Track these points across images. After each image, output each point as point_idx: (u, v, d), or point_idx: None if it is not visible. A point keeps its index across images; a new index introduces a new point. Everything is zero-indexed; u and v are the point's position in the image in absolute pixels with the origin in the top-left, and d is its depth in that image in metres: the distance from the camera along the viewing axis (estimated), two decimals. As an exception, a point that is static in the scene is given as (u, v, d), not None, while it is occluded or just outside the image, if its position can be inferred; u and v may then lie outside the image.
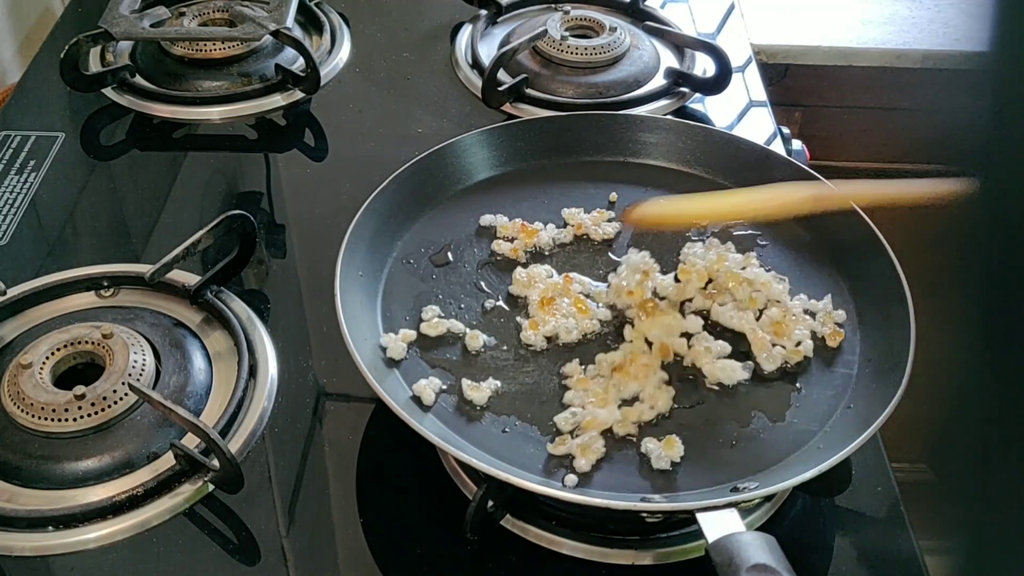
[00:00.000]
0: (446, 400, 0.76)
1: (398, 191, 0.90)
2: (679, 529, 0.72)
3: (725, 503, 0.65)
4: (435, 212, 0.92)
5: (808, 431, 0.74)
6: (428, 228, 0.90)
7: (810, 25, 1.46)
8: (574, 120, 0.99)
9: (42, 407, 0.75)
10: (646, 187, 0.95)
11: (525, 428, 0.75)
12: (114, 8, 1.13)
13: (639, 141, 0.97)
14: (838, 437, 0.72)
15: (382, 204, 0.88)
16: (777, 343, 0.79)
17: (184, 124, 1.11)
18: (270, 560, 0.73)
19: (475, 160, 0.95)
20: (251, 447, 0.78)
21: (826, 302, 0.83)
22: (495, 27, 1.23)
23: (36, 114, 1.12)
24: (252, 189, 1.07)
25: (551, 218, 0.91)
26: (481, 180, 0.95)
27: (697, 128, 0.98)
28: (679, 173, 0.96)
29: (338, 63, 1.18)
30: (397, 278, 0.86)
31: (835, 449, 0.69)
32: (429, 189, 0.92)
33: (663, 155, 0.97)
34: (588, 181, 0.96)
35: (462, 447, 0.71)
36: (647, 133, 0.98)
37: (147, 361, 0.79)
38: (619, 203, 0.93)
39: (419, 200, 0.91)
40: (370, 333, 0.80)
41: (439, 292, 0.85)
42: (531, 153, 0.97)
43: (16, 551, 0.71)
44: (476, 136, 0.96)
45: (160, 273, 0.86)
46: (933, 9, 1.49)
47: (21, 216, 0.98)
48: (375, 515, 0.75)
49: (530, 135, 0.97)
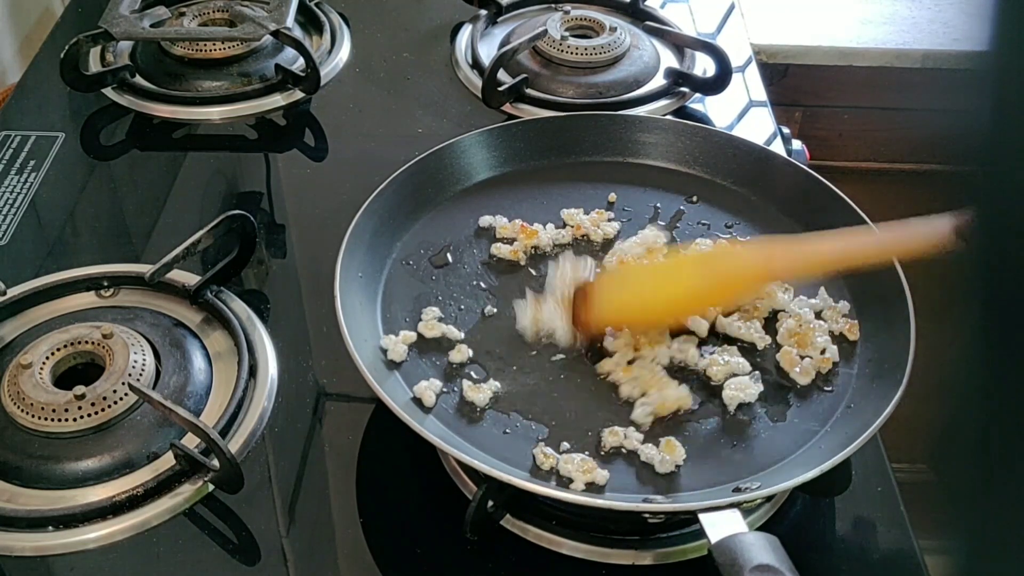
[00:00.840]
0: (447, 401, 0.76)
1: (397, 192, 0.90)
2: (679, 529, 0.72)
3: (727, 503, 0.65)
4: (434, 213, 0.92)
5: (809, 431, 0.74)
6: (427, 229, 0.90)
7: (810, 25, 1.46)
8: (573, 120, 0.99)
9: (42, 407, 0.75)
10: (645, 187, 0.95)
11: (527, 428, 0.75)
12: (114, 8, 1.13)
13: (638, 141, 0.97)
14: (839, 437, 0.72)
15: (381, 205, 0.88)
16: (804, 354, 0.79)
17: (184, 124, 1.10)
18: (270, 560, 0.73)
19: (474, 161, 0.95)
20: (251, 447, 0.78)
21: (822, 295, 0.83)
22: (495, 27, 1.23)
23: (36, 114, 1.12)
24: (252, 189, 1.07)
25: (550, 219, 0.91)
26: (480, 181, 0.95)
27: (696, 128, 0.98)
28: (678, 173, 0.96)
29: (338, 63, 1.18)
30: (397, 279, 0.86)
31: (836, 449, 0.69)
32: (428, 190, 0.92)
33: (662, 155, 0.97)
34: (587, 182, 0.96)
35: (463, 448, 0.71)
36: (646, 133, 0.98)
37: (147, 361, 0.79)
38: (618, 203, 0.93)
39: (418, 201, 0.91)
40: (370, 335, 0.80)
41: (439, 293, 0.85)
42: (530, 153, 0.97)
43: (16, 551, 0.71)
44: (475, 137, 0.96)
45: (160, 273, 0.86)
46: (933, 9, 1.49)
47: (21, 216, 0.98)
48: (375, 515, 0.75)
49: (529, 135, 0.97)
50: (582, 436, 0.74)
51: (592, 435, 0.74)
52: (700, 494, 0.70)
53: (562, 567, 0.71)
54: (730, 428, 0.75)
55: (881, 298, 0.81)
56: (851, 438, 0.69)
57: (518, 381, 0.78)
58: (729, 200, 0.93)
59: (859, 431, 0.70)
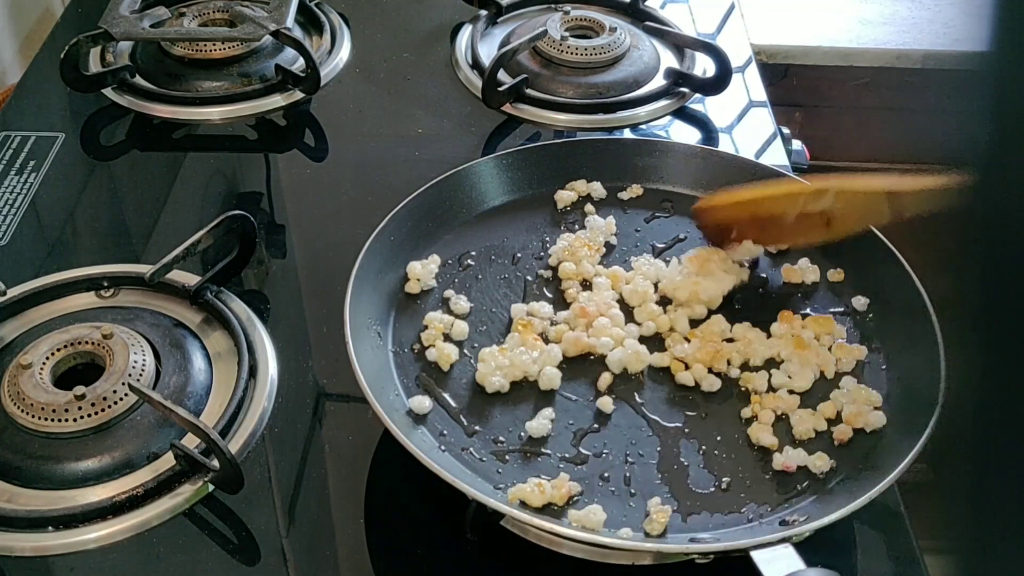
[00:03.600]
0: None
1: (397, 229, 0.88)
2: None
3: (778, 539, 0.63)
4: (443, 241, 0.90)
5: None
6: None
7: (810, 25, 1.46)
8: (581, 145, 0.98)
9: (42, 407, 0.75)
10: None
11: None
12: (114, 8, 1.13)
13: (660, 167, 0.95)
14: (878, 459, 0.71)
15: (394, 229, 0.87)
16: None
17: (184, 124, 1.10)
18: (270, 560, 0.73)
19: (488, 186, 0.93)
20: (251, 447, 0.78)
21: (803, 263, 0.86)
22: (495, 27, 1.23)
23: (36, 114, 1.12)
24: (252, 189, 1.07)
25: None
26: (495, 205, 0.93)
27: (718, 155, 0.97)
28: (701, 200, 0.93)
29: (338, 63, 1.18)
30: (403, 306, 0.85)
31: (882, 472, 0.68)
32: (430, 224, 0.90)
33: (680, 181, 0.95)
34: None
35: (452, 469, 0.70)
36: (665, 158, 0.96)
37: (147, 361, 0.79)
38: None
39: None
40: (373, 346, 0.80)
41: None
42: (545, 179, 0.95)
43: (16, 551, 0.71)
44: (489, 162, 0.94)
45: (160, 273, 0.86)
46: (933, 9, 1.49)
47: (21, 216, 0.98)
48: (375, 515, 0.75)
49: (544, 161, 0.95)
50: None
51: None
52: (745, 529, 0.68)
53: (562, 567, 0.71)
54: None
55: (901, 311, 0.80)
56: (892, 463, 0.68)
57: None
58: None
59: (898, 454, 0.68)
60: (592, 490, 0.71)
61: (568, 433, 0.75)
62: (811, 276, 0.87)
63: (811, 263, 0.87)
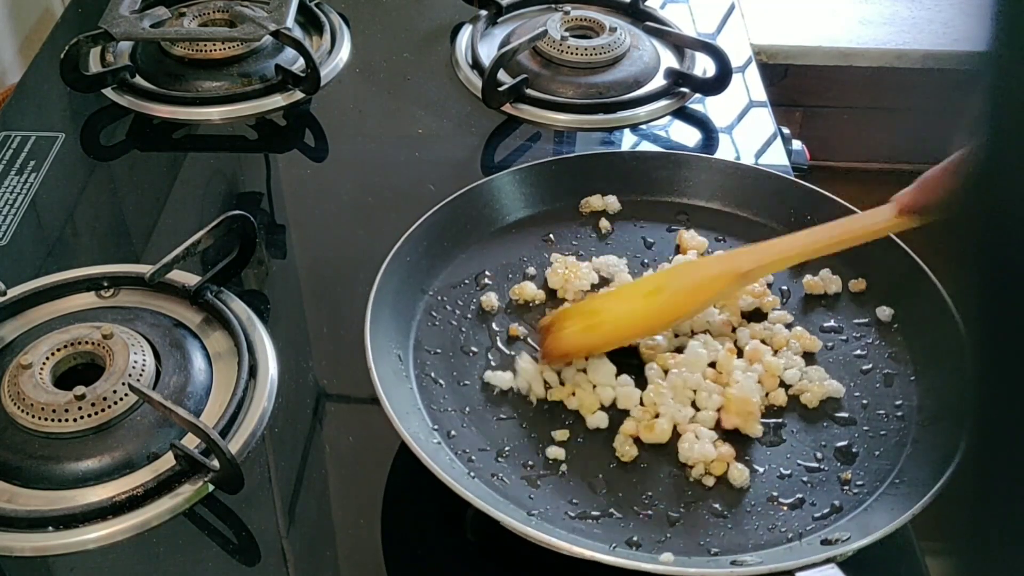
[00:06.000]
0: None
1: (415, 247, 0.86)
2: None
3: (823, 559, 0.63)
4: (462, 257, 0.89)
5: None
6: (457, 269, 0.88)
7: (810, 25, 1.46)
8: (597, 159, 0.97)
9: (42, 407, 0.75)
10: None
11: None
12: (114, 8, 1.13)
13: (689, 180, 0.94)
14: (913, 472, 0.71)
15: (410, 250, 0.85)
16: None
17: (184, 124, 1.11)
18: (270, 560, 0.73)
19: (507, 201, 0.92)
20: (251, 447, 0.78)
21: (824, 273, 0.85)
22: (495, 27, 1.23)
23: (36, 114, 1.12)
24: (252, 189, 1.07)
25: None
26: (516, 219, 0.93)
27: (738, 167, 0.96)
28: (719, 212, 0.93)
29: (338, 63, 1.18)
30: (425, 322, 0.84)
31: (919, 486, 0.67)
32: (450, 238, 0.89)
33: (707, 195, 0.94)
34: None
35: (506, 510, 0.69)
36: (681, 170, 0.95)
37: (147, 361, 0.79)
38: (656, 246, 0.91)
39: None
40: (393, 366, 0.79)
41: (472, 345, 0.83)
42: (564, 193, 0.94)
43: (16, 551, 0.71)
44: (507, 176, 0.93)
45: (160, 273, 0.86)
46: (933, 9, 1.49)
47: (21, 216, 0.98)
48: (375, 515, 0.75)
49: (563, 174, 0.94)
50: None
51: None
52: (785, 551, 0.67)
53: (562, 568, 0.71)
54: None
55: (929, 327, 0.79)
56: (931, 477, 0.67)
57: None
58: (756, 232, 0.90)
59: (936, 468, 0.68)
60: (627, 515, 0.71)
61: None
62: (833, 287, 0.85)
63: (832, 273, 0.86)
